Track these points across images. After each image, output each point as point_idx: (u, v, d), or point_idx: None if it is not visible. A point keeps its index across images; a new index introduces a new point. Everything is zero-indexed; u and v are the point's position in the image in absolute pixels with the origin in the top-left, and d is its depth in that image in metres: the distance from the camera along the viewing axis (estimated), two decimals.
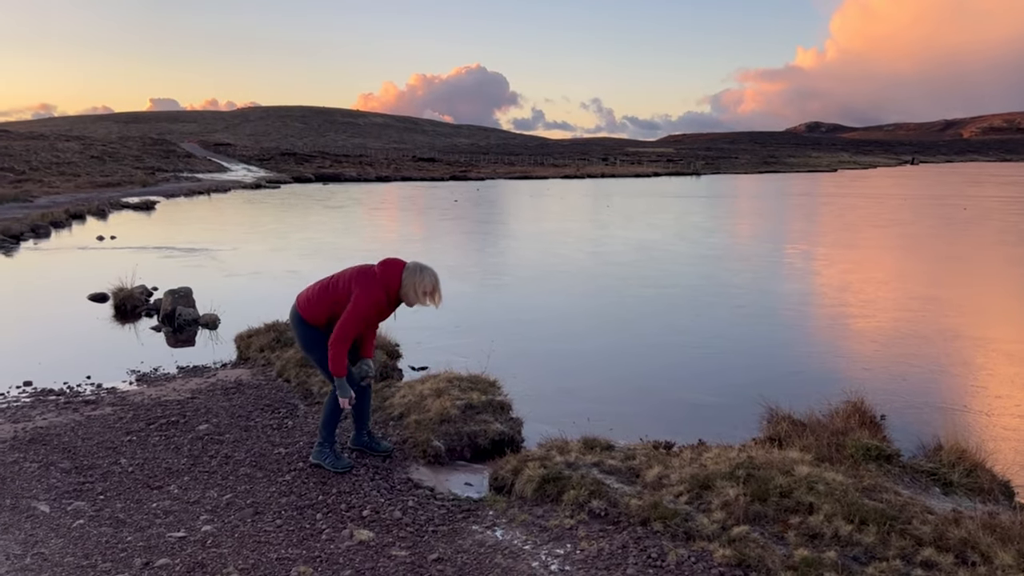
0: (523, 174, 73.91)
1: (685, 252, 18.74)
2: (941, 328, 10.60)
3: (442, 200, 38.71)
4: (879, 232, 24.91)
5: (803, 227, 27.26)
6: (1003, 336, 10.27)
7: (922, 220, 29.39)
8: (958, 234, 24.16)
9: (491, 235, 23.28)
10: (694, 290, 13.48)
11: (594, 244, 20.40)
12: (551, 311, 11.65)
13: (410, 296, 5.00)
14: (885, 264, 17.61)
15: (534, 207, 36.47)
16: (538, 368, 8.47)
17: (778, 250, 19.53)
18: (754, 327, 10.69)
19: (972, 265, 17.50)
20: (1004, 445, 6.21)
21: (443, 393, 6.29)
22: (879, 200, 42.57)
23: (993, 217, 30.51)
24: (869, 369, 8.52)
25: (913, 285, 14.48)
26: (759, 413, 6.23)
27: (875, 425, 5.78)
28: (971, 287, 14.58)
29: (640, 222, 27.27)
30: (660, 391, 7.76)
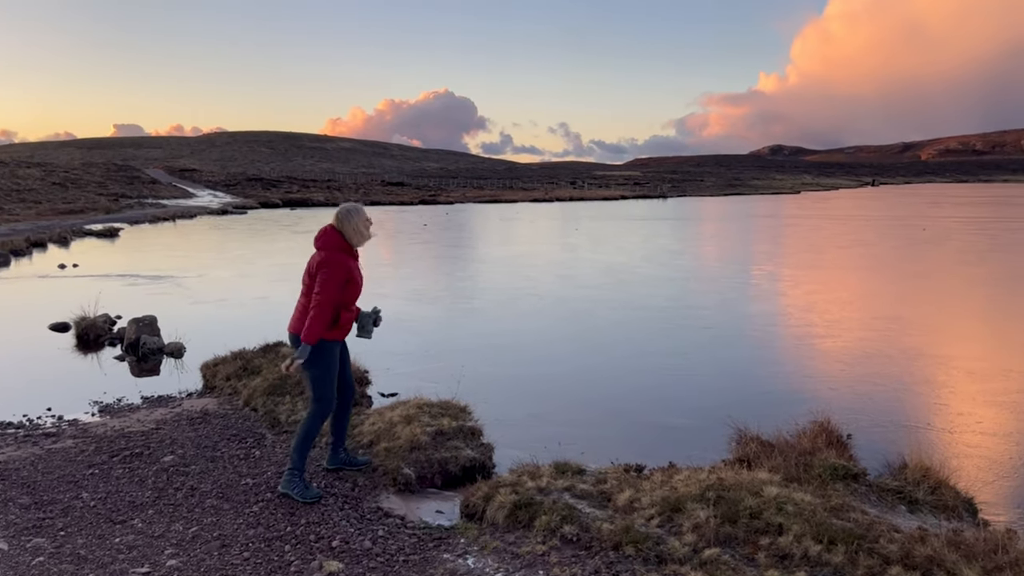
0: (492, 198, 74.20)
1: (653, 275, 18.91)
2: (904, 347, 10.79)
3: (411, 224, 38.69)
4: (843, 253, 25.36)
5: (768, 248, 27.66)
6: (964, 354, 10.48)
7: (884, 241, 29.99)
8: (919, 254, 24.70)
9: (461, 259, 23.29)
10: (662, 312, 13.59)
11: (563, 267, 20.50)
12: (521, 335, 11.66)
13: (359, 236, 5.18)
14: (849, 284, 17.91)
15: (503, 231, 36.60)
16: (509, 393, 8.46)
17: (744, 271, 19.78)
18: (722, 348, 10.80)
19: (933, 284, 17.87)
20: (967, 462, 6.32)
21: (413, 420, 6.25)
22: (842, 221, 43.39)
23: (952, 237, 31.24)
24: (835, 389, 8.64)
25: (877, 305, 14.74)
26: (728, 434, 6.28)
27: (842, 444, 5.85)
28: (932, 306, 14.87)
29: (608, 245, 27.48)
30: (630, 414, 7.78)
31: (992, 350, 10.86)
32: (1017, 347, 11.07)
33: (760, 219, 46.73)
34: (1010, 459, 6.40)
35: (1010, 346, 11.14)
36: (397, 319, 12.24)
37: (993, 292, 16.42)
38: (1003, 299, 15.53)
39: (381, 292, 14.42)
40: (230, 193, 68.59)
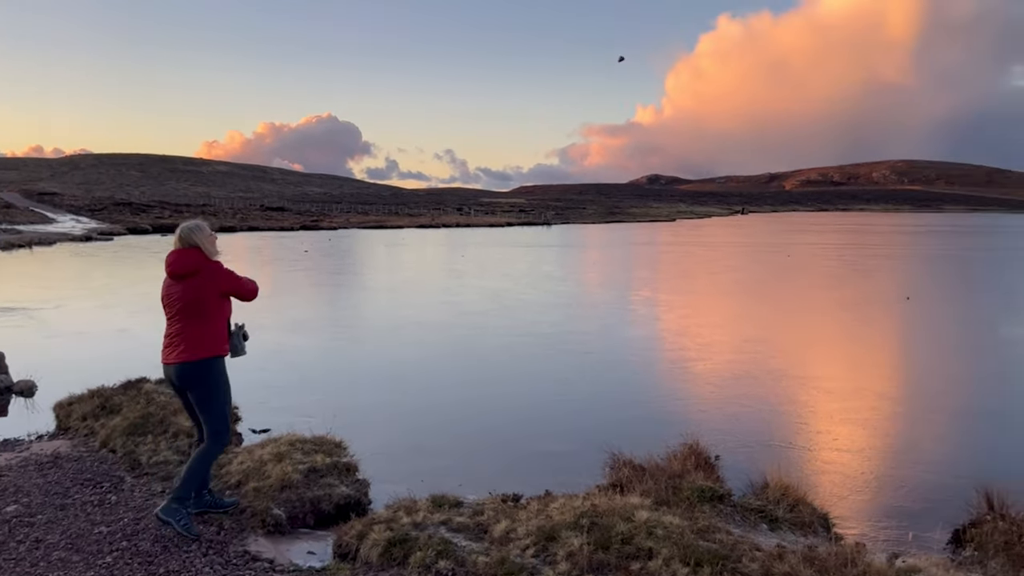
0: (377, 223, 73.41)
1: (537, 301, 19.17)
2: (770, 368, 11.37)
3: (291, 250, 37.68)
4: (714, 278, 26.58)
5: (646, 274, 28.65)
6: (823, 374, 11.15)
7: (752, 266, 31.67)
8: (784, 279, 26.22)
9: (343, 286, 22.86)
10: (545, 338, 13.77)
11: (449, 294, 20.47)
12: (403, 365, 11.52)
13: (214, 249, 5.13)
14: (720, 309, 18.76)
15: (388, 257, 36.24)
16: (388, 425, 8.31)
17: (624, 297, 20.37)
18: (601, 373, 11.04)
19: (796, 308, 18.98)
20: (824, 478, 6.69)
21: (284, 457, 6.03)
22: (714, 248, 45.55)
23: (813, 263, 33.37)
24: (705, 411, 8.98)
25: (745, 328, 15.49)
26: (604, 459, 6.39)
27: (710, 466, 6.07)
28: (796, 329, 15.78)
29: (494, 272, 27.69)
30: (511, 442, 7.80)
31: (848, 370, 11.60)
32: (869, 367, 11.89)
33: (639, 246, 48.39)
34: (862, 474, 6.83)
35: (863, 366, 11.95)
36: (273, 350, 11.83)
37: (849, 315, 17.59)
38: (858, 321, 16.67)
39: (257, 322, 13.89)
40: (95, 218, 64.70)
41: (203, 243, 5.03)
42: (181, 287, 4.93)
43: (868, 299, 20.33)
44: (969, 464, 7.19)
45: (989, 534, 5.13)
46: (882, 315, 17.28)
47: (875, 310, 18.11)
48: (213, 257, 5.08)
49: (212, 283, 4.96)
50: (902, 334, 15.17)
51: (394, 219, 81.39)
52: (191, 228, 5.05)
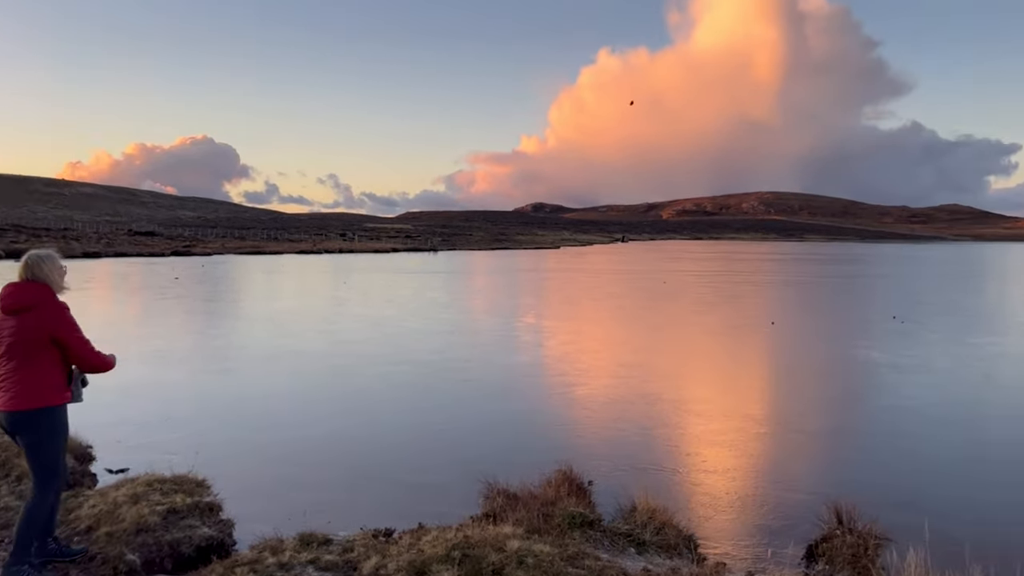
0: (255, 249, 71.07)
1: (419, 328, 19.03)
2: (644, 392, 11.72)
3: (161, 277, 35.86)
4: (595, 304, 27.25)
5: (530, 301, 29.02)
6: (694, 397, 11.59)
7: (631, 293, 32.69)
8: (659, 305, 27.18)
9: (215, 315, 21.93)
10: (426, 366, 13.67)
11: (328, 323, 20.01)
12: (276, 397, 11.13)
13: (62, 284, 4.78)
14: (599, 334, 19.23)
15: (266, 284, 35.08)
16: (258, 460, 7.99)
17: (507, 323, 20.53)
18: (480, 401, 11.05)
19: (670, 333, 19.70)
20: (691, 500, 6.92)
21: (141, 499, 5.68)
22: (595, 275, 46.76)
23: (687, 290, 34.80)
24: (582, 436, 9.14)
25: (622, 353, 15.93)
26: (479, 489, 6.37)
27: (583, 491, 6.16)
28: (669, 353, 16.36)
29: (377, 299, 27.32)
30: (386, 474, 7.66)
31: (716, 392, 12.12)
32: (736, 389, 12.47)
33: (524, 272, 49.03)
34: (726, 494, 7.12)
35: (731, 388, 12.52)
36: (135, 384, 11.19)
37: (719, 339, 18.42)
38: (727, 345, 17.47)
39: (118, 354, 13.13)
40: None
41: (50, 276, 4.65)
42: (15, 322, 4.51)
43: (736, 324, 21.36)
44: (822, 481, 7.63)
45: (838, 548, 5.44)
46: (749, 339, 18.19)
47: (743, 334, 19.04)
48: (60, 293, 4.70)
49: (50, 324, 4.54)
50: (766, 358, 16.01)
51: (273, 244, 79.07)
52: (39, 258, 4.67)
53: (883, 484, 7.53)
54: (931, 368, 14.05)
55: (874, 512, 6.03)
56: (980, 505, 6.99)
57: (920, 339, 17.93)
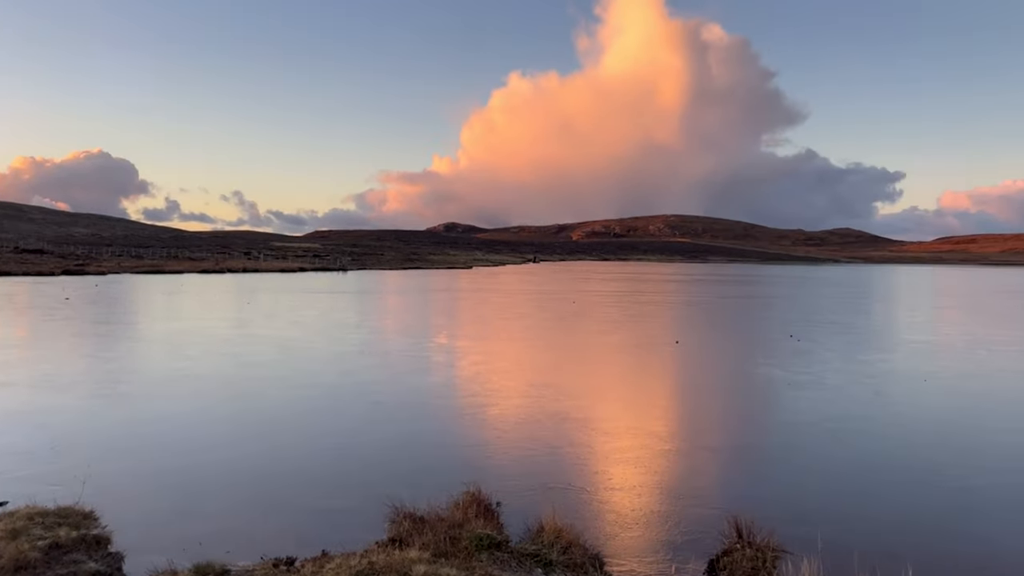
0: (154, 268, 68.18)
1: (327, 350, 18.63)
2: (553, 412, 11.80)
3: (50, 298, 33.92)
4: (506, 324, 27.35)
5: (441, 321, 28.88)
6: (601, 416, 11.75)
7: (541, 313, 32.98)
8: (568, 325, 27.52)
9: (108, 337, 20.86)
10: (334, 388, 13.38)
11: (231, 345, 19.34)
12: (173, 421, 10.66)
13: None
14: (509, 354, 19.28)
15: (165, 305, 33.64)
16: (151, 488, 7.61)
17: (418, 344, 20.35)
18: (388, 423, 10.88)
19: (578, 352, 19.96)
20: (598, 518, 6.99)
21: (21, 533, 5.33)
22: (507, 295, 46.99)
23: (596, 310, 35.39)
24: (490, 456, 9.12)
25: (532, 373, 16.01)
26: (385, 513, 6.26)
27: (491, 512, 6.13)
28: (578, 372, 16.56)
29: (282, 320, 26.61)
30: (288, 500, 7.42)
31: (623, 410, 12.32)
32: (642, 407, 12.71)
33: (435, 292, 48.80)
34: (632, 511, 7.23)
35: (637, 406, 12.76)
36: (19, 411, 10.52)
37: (626, 358, 18.78)
38: (633, 364, 17.83)
39: (0, 379, 12.31)
40: None
41: None
42: None
43: (642, 343, 21.84)
44: (724, 495, 7.86)
45: (739, 561, 5.60)
46: (655, 358, 18.62)
47: (649, 353, 19.47)
48: None
49: None
50: (671, 376, 16.41)
51: (173, 263, 76.08)
52: None
53: (780, 498, 7.82)
54: (825, 385, 14.71)
55: (772, 525, 6.25)
56: (868, 516, 7.34)
57: (815, 357, 18.77)
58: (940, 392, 14.12)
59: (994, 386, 14.95)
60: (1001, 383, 15.32)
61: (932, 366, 17.41)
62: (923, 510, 7.51)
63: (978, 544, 6.63)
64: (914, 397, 13.64)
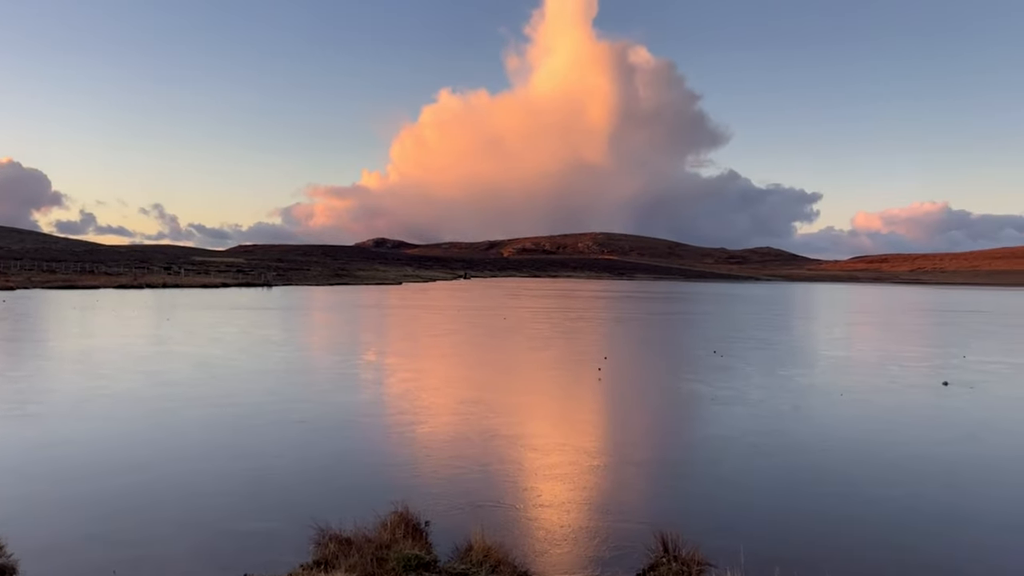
0: (67, 283, 65.30)
1: (251, 367, 18.16)
2: (483, 429, 11.77)
3: None
4: (436, 341, 27.20)
5: (369, 338, 28.51)
6: (531, 432, 11.77)
7: (471, 329, 32.94)
8: (499, 341, 27.56)
9: (17, 355, 19.85)
10: (257, 408, 13.03)
11: (148, 363, 18.65)
12: (86, 443, 10.20)
13: None
14: (439, 371, 19.16)
15: (78, 321, 32.21)
16: (61, 514, 7.24)
17: (345, 361, 20.03)
18: (314, 442, 10.65)
19: (509, 368, 20.00)
20: (527, 535, 6.98)
21: None
22: (437, 311, 46.77)
23: (526, 326, 35.54)
24: (419, 475, 9.02)
25: (461, 390, 15.94)
26: (310, 535, 6.11)
27: (419, 532, 6.05)
28: (508, 389, 16.57)
29: (203, 336, 25.82)
30: (209, 524, 7.17)
31: (552, 426, 12.38)
32: (571, 423, 12.80)
33: (364, 309, 48.20)
34: (560, 527, 7.25)
35: (566, 422, 12.83)
36: None
37: (555, 374, 18.90)
38: (563, 380, 17.96)
39: None
40: None
41: None
42: None
43: (571, 359, 22.04)
44: (651, 510, 7.97)
45: (665, 575, 5.67)
46: (583, 374, 18.80)
47: (578, 369, 19.65)
48: None
49: None
50: (600, 391, 16.59)
51: (88, 278, 73.07)
52: None
53: (705, 511, 7.97)
54: (747, 400, 15.11)
55: (697, 538, 6.36)
56: (790, 527, 7.55)
57: (737, 372, 19.27)
58: (855, 406, 14.67)
59: (906, 401, 15.63)
60: (912, 398, 16.03)
61: (848, 381, 18.10)
62: (841, 521, 7.76)
63: (893, 551, 6.89)
64: (831, 411, 14.14)
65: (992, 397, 16.10)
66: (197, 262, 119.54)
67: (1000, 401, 15.69)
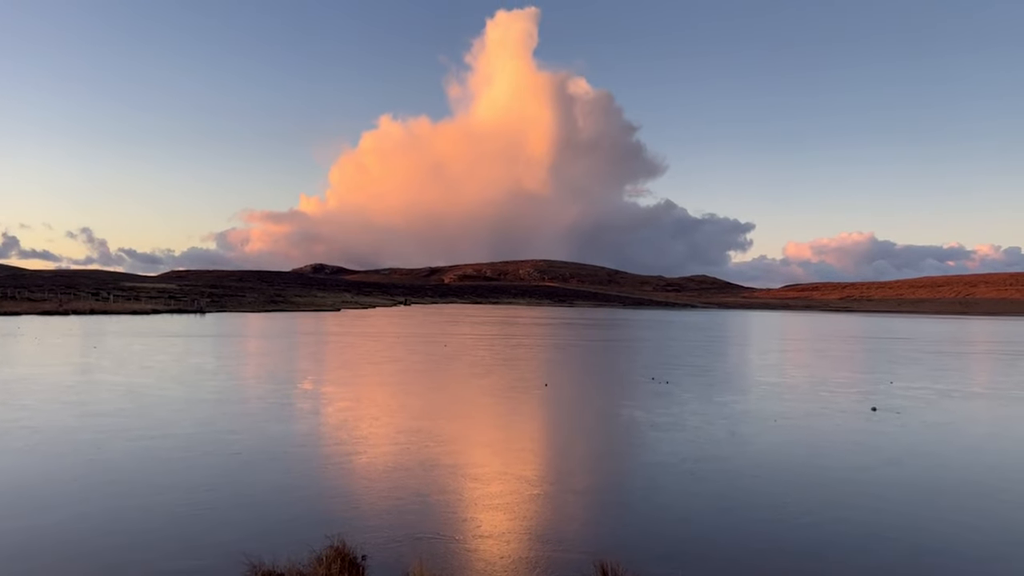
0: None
1: (181, 397, 17.60)
2: (422, 459, 11.63)
3: None
4: (375, 369, 26.85)
5: (306, 366, 27.98)
6: (471, 461, 11.69)
7: (411, 356, 32.64)
8: (440, 368, 27.37)
9: None
10: (188, 439, 12.62)
11: (73, 392, 17.91)
12: (5, 479, 9.72)
13: None
14: (378, 400, 18.90)
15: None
16: None
17: (281, 390, 19.60)
18: (247, 474, 10.36)
19: (450, 396, 19.85)
20: (467, 568, 6.90)
21: None
22: (376, 338, 46.23)
23: (467, 353, 35.41)
24: (357, 507, 8.84)
25: (401, 419, 15.74)
26: (242, 572, 5.92)
27: (356, 567, 5.92)
28: (448, 417, 16.43)
29: (133, 365, 24.95)
30: (136, 563, 6.88)
31: (492, 455, 12.31)
32: (512, 451, 12.75)
33: (301, 336, 47.34)
34: (501, 559, 7.19)
35: (507, 451, 12.78)
36: None
37: (496, 401, 18.84)
38: (503, 408, 17.91)
39: None
40: None
41: None
42: None
43: (512, 386, 22.03)
44: (590, 538, 7.97)
45: None
46: (524, 401, 18.79)
47: (518, 396, 19.64)
48: None
49: None
50: (540, 419, 16.60)
51: (9, 304, 70.07)
52: None
53: (644, 538, 8.02)
54: (684, 426, 15.32)
55: (637, 566, 6.39)
56: (727, 553, 7.64)
57: (675, 399, 19.54)
58: (789, 432, 15.02)
59: (836, 426, 16.07)
60: (842, 423, 16.49)
61: (781, 407, 18.53)
62: (776, 545, 7.90)
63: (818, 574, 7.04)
64: (765, 437, 14.44)
65: (918, 423, 16.69)
66: (127, 288, 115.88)
67: (926, 427, 16.27)
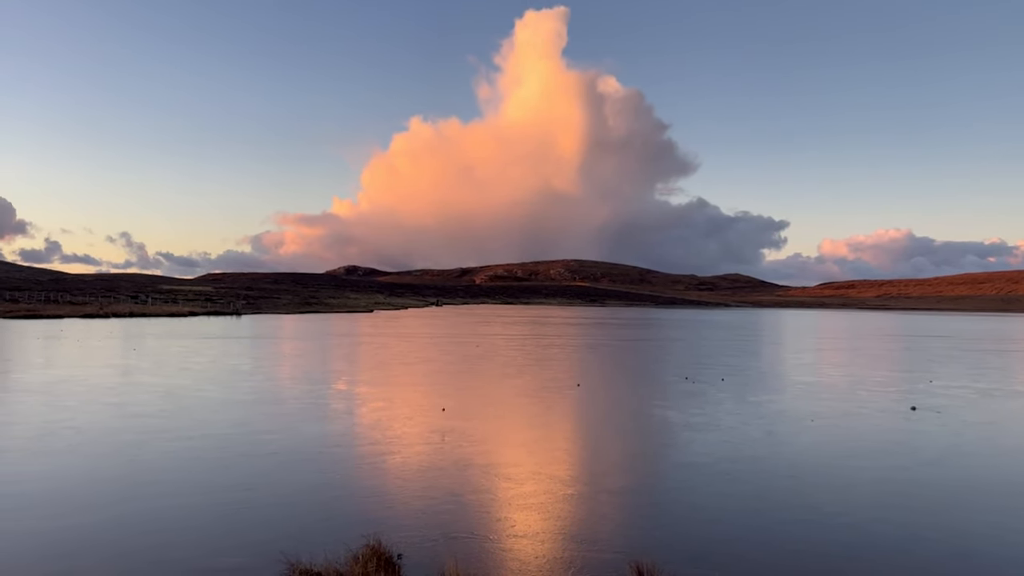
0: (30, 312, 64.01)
1: (219, 398, 17.88)
2: (456, 458, 11.68)
3: None
4: (408, 369, 27.02)
5: (341, 367, 28.24)
6: (504, 461, 11.71)
7: (444, 357, 32.78)
8: (472, 369, 27.46)
9: None
10: (225, 439, 12.82)
11: (114, 394, 18.29)
12: (46, 479, 9.95)
13: None
14: (412, 400, 19.02)
15: (41, 352, 31.55)
16: (23, 553, 7.06)
17: (316, 391, 19.82)
18: (284, 474, 10.49)
19: (482, 397, 19.90)
20: (501, 567, 6.92)
21: None
22: (409, 339, 46.51)
23: (499, 353, 35.47)
24: (392, 507, 8.91)
25: (435, 419, 15.82)
26: (279, 570, 6.00)
27: (392, 566, 5.97)
28: (481, 417, 16.48)
29: (171, 367, 25.40)
30: (178, 561, 7.01)
31: (526, 455, 12.32)
32: (545, 451, 12.74)
33: (335, 337, 47.79)
34: (535, 559, 7.19)
35: (540, 450, 12.77)
36: None
37: (528, 402, 18.85)
38: (536, 408, 17.91)
39: None
40: None
41: None
42: None
43: (545, 386, 22.01)
44: (625, 539, 7.94)
45: None
46: (556, 401, 18.78)
47: (550, 396, 19.63)
48: None
49: None
50: (572, 419, 16.58)
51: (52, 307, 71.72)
52: None
53: (679, 539, 7.96)
54: (719, 426, 15.19)
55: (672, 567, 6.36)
56: (762, 554, 7.56)
57: (709, 399, 19.38)
58: (825, 432, 14.82)
59: (875, 426, 15.82)
60: (881, 423, 16.23)
61: (818, 407, 18.28)
62: (813, 547, 7.81)
63: None
64: (802, 437, 14.26)
65: (959, 422, 16.36)
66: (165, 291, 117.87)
67: (967, 427, 15.94)
